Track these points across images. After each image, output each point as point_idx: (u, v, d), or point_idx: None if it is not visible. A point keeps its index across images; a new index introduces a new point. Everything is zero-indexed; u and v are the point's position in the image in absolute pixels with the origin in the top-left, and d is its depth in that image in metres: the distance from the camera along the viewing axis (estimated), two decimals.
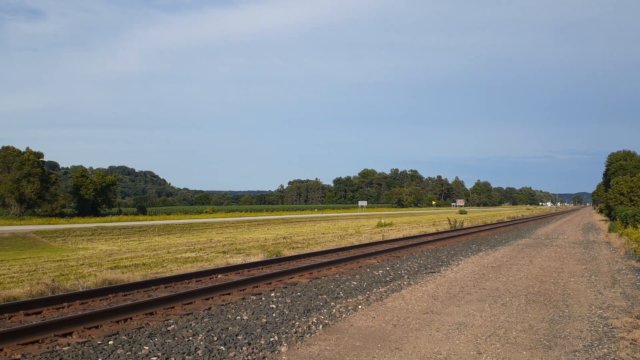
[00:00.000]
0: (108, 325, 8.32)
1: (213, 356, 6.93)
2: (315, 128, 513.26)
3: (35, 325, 7.62)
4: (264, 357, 7.04)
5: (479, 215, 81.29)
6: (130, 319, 8.73)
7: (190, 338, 7.67)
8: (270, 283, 12.25)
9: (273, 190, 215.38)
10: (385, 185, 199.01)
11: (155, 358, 6.76)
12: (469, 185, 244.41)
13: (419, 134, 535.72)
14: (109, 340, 7.49)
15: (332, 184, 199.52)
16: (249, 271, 14.23)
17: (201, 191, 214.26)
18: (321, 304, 10.17)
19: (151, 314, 9.12)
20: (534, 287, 12.47)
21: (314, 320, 8.90)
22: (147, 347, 7.14)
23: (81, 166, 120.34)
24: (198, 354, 6.99)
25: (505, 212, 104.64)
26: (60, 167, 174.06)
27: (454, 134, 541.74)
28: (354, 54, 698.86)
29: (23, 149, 68.88)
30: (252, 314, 9.22)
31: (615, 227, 33.42)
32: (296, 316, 9.14)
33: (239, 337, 7.76)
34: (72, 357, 6.78)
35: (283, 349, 7.41)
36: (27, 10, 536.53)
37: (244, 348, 7.31)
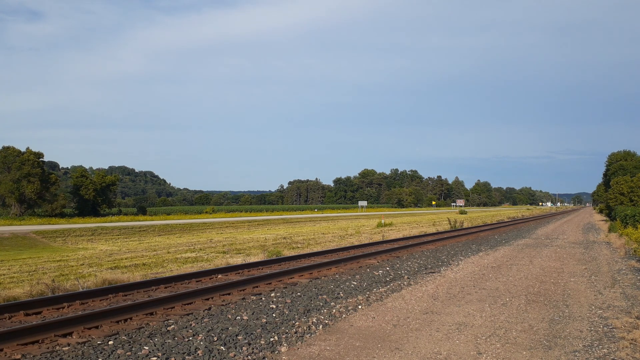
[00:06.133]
0: (108, 325, 8.32)
1: (213, 356, 6.94)
2: (316, 128, 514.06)
3: (35, 325, 7.62)
4: (264, 357, 7.04)
5: (479, 215, 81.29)
6: (130, 319, 8.73)
7: (190, 338, 7.67)
8: (270, 283, 12.26)
9: (273, 190, 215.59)
10: (385, 185, 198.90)
11: (155, 358, 6.76)
12: (469, 185, 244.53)
13: (419, 134, 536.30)
14: (109, 341, 7.49)
15: (332, 184, 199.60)
16: (249, 271, 14.23)
17: (201, 191, 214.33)
18: (321, 304, 10.17)
19: (151, 314, 9.12)
20: (534, 287, 12.47)
21: (314, 320, 8.90)
22: (147, 347, 7.15)
23: (81, 166, 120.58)
24: (198, 354, 6.99)
25: (505, 212, 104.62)
26: (60, 167, 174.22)
27: (454, 134, 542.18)
28: (354, 55, 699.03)
29: (23, 149, 68.90)
30: (252, 314, 9.22)
31: (615, 227, 33.42)
32: (296, 316, 9.14)
33: (239, 337, 7.76)
34: (72, 357, 6.78)
35: (283, 349, 7.41)
36: (27, 11, 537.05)
37: (244, 348, 7.31)
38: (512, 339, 7.93)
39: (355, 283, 12.52)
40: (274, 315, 9.17)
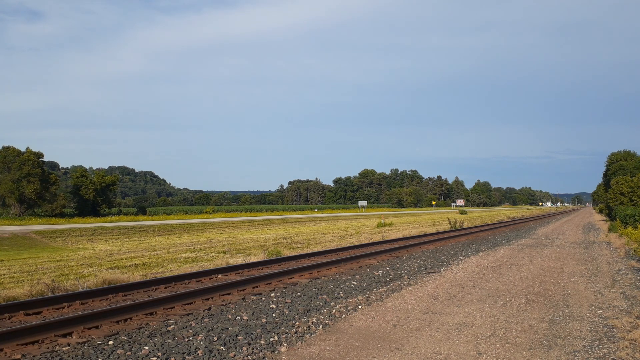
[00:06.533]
0: (108, 325, 8.32)
1: (213, 356, 6.94)
2: (316, 128, 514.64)
3: (35, 325, 7.62)
4: (264, 357, 7.04)
5: (479, 215, 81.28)
6: (130, 319, 8.73)
7: (190, 338, 7.67)
8: (270, 283, 12.26)
9: (273, 190, 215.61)
10: (385, 185, 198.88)
11: (155, 358, 6.76)
12: (469, 185, 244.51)
13: (419, 134, 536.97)
14: (109, 340, 7.49)
15: (332, 184, 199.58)
16: (249, 271, 14.23)
17: (201, 191, 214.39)
18: (321, 304, 10.17)
19: (151, 314, 9.12)
20: (534, 287, 12.47)
21: (314, 320, 8.90)
22: (147, 347, 7.15)
23: (81, 166, 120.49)
24: (198, 354, 6.99)
25: (505, 212, 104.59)
26: (60, 167, 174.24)
27: (454, 134, 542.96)
28: (354, 55, 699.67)
29: (23, 149, 68.90)
30: (252, 314, 9.22)
31: (615, 227, 33.41)
32: (296, 316, 9.14)
33: (239, 337, 7.76)
34: (72, 357, 6.78)
35: (283, 349, 7.41)
36: (27, 11, 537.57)
37: (244, 348, 7.31)
38: (512, 339, 7.93)
39: (355, 283, 12.52)
40: (274, 315, 9.17)
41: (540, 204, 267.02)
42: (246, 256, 18.71)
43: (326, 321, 8.93)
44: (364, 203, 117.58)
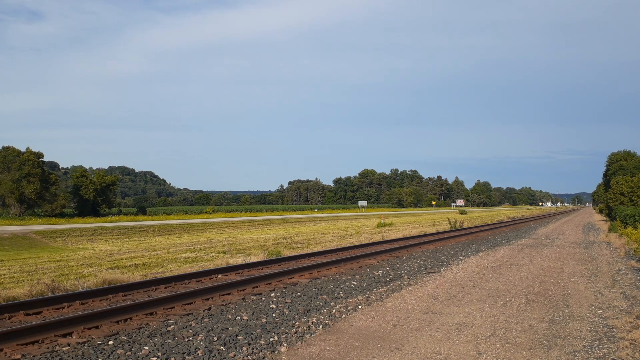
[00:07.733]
0: (108, 325, 8.32)
1: (213, 356, 6.94)
2: (316, 128, 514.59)
3: (35, 325, 7.62)
4: (264, 357, 7.04)
5: (479, 215, 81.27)
6: (130, 319, 8.73)
7: (190, 338, 7.67)
8: (270, 283, 12.26)
9: (273, 190, 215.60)
10: (385, 185, 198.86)
11: (155, 358, 6.76)
12: (469, 185, 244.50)
13: (419, 134, 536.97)
14: (109, 341, 7.49)
15: (332, 184, 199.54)
16: (249, 271, 14.23)
17: (201, 191, 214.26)
18: (321, 304, 10.17)
19: (151, 314, 9.12)
20: (534, 287, 12.47)
21: (314, 320, 8.91)
22: (147, 347, 7.15)
23: (81, 166, 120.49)
24: (198, 354, 7.00)
25: (505, 212, 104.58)
26: (60, 167, 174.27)
27: (454, 134, 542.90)
28: (354, 55, 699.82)
29: (23, 149, 69.01)
30: (252, 314, 9.22)
31: (615, 227, 33.42)
32: (296, 316, 9.14)
33: (239, 337, 7.76)
34: (72, 357, 6.78)
35: (283, 349, 7.41)
36: (27, 11, 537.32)
37: (244, 348, 7.31)
38: (512, 339, 7.93)
39: (355, 283, 12.52)
40: (274, 315, 9.17)
41: (540, 204, 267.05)
42: (246, 256, 18.71)
43: (326, 321, 8.93)
44: (364, 203, 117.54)
